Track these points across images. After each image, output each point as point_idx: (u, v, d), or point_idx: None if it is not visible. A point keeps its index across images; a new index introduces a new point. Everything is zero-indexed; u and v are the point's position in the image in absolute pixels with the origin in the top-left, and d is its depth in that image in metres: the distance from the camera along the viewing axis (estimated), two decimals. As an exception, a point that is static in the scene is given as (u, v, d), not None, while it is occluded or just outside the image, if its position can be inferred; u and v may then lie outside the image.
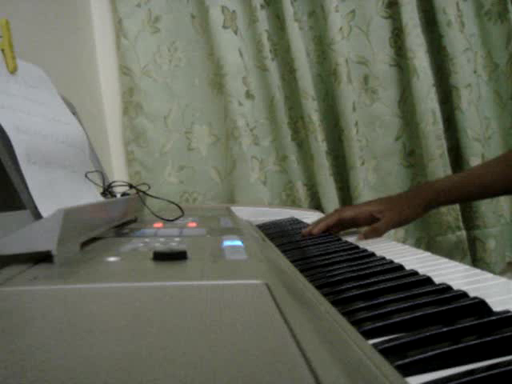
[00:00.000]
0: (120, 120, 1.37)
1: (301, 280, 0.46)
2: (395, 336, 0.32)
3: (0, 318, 0.25)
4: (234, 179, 1.33)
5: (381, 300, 0.40)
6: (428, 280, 0.45)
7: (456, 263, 0.55)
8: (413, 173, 1.41)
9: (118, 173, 1.36)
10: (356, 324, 0.34)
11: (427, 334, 0.31)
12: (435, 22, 1.35)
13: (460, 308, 0.36)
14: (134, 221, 0.76)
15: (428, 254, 0.61)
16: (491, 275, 0.47)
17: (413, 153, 1.40)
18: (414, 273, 0.48)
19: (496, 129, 1.41)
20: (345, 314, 0.35)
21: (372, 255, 0.60)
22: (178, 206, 0.75)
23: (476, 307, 0.36)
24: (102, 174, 0.76)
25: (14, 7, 0.81)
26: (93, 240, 0.51)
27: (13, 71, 0.57)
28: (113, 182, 0.76)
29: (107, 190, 0.74)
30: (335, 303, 0.39)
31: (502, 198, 1.36)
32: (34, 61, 0.65)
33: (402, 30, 1.33)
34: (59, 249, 0.38)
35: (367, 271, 0.51)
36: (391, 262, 0.54)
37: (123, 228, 0.66)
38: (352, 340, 0.27)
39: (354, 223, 0.87)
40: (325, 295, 0.41)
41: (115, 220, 0.63)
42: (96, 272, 0.36)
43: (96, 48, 1.35)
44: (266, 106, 1.35)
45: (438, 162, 1.31)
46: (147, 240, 0.51)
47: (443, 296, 0.39)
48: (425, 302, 0.38)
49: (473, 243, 1.37)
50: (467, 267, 0.52)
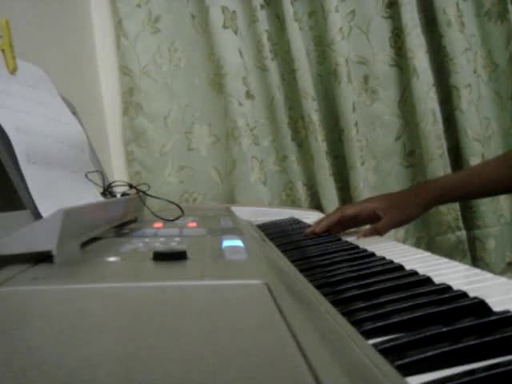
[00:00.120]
0: (120, 120, 1.37)
1: (301, 280, 0.46)
2: (395, 336, 0.32)
3: (0, 318, 0.25)
4: (234, 179, 1.33)
5: (381, 300, 0.40)
6: (428, 280, 0.45)
7: (456, 263, 0.55)
8: (413, 173, 1.41)
9: (118, 173, 1.36)
10: (356, 324, 0.34)
11: (427, 334, 0.31)
12: (435, 22, 1.35)
13: (460, 308, 0.36)
14: (134, 221, 0.76)
15: (428, 254, 0.61)
16: (491, 275, 0.47)
17: (413, 153, 1.40)
18: (414, 273, 0.48)
19: (496, 129, 1.41)
20: (345, 314, 0.36)
21: (372, 255, 0.60)
22: (178, 206, 0.75)
23: (476, 307, 0.36)
24: (102, 174, 0.76)
25: (14, 7, 0.81)
26: (93, 240, 0.51)
27: (13, 71, 0.57)
28: (113, 182, 0.76)
29: (107, 190, 0.74)
30: (335, 303, 0.39)
31: (502, 198, 1.36)
32: (34, 61, 0.65)
33: (402, 30, 1.33)
34: (59, 249, 0.38)
35: (367, 271, 0.51)
36: (391, 262, 0.54)
37: (123, 228, 0.66)
38: (352, 340, 0.27)
39: (356, 220, 0.86)
40: (325, 295, 0.41)
41: (115, 220, 0.63)
42: (96, 272, 0.36)
43: (96, 48, 1.35)
44: (266, 106, 1.35)
45: (438, 162, 1.31)
46: (147, 240, 0.51)
47: (443, 296, 0.39)
48: (425, 302, 0.38)
49: (473, 243, 1.37)
50: (467, 267, 0.52)
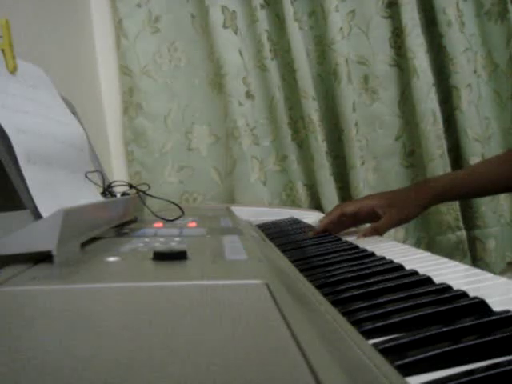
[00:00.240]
0: (120, 120, 1.37)
1: (301, 280, 0.46)
2: (395, 336, 0.32)
3: (0, 318, 0.25)
4: (234, 179, 1.33)
5: (381, 300, 0.40)
6: (428, 280, 0.45)
7: (456, 263, 0.55)
8: (413, 173, 1.41)
9: (118, 173, 1.36)
10: (356, 324, 0.34)
11: (427, 334, 0.31)
12: (435, 22, 1.35)
13: (460, 308, 0.36)
14: (134, 221, 0.76)
15: (428, 254, 0.61)
16: (491, 275, 0.47)
17: (413, 153, 1.40)
18: (414, 273, 0.48)
19: (496, 129, 1.41)
20: (345, 314, 0.35)
21: (372, 255, 0.60)
22: (178, 206, 0.75)
23: (476, 307, 0.36)
24: (102, 174, 0.76)
25: (14, 7, 0.81)
26: (93, 240, 0.51)
27: (13, 71, 0.57)
28: (113, 182, 0.76)
29: (107, 190, 0.74)
30: (335, 303, 0.39)
31: (502, 198, 1.36)
32: (34, 61, 0.65)
33: (402, 30, 1.33)
34: (59, 249, 0.38)
35: (367, 271, 0.51)
36: (391, 262, 0.54)
37: (123, 228, 0.66)
38: (352, 340, 0.27)
39: (356, 217, 0.86)
40: (325, 295, 0.41)
41: (115, 220, 0.63)
42: (96, 272, 0.36)
43: (96, 48, 1.35)
44: (266, 106, 1.35)
45: (438, 162, 1.31)
46: (147, 240, 0.51)
47: (443, 296, 0.39)
48: (425, 302, 0.38)
49: (473, 243, 1.37)
50: (467, 267, 0.52)
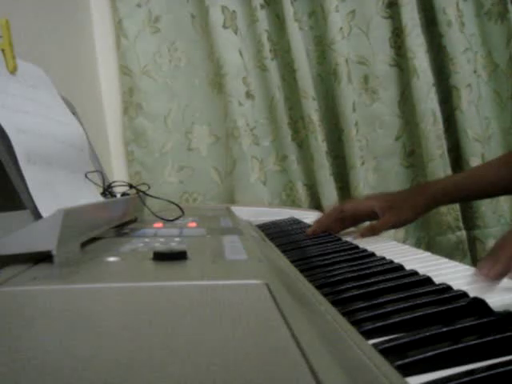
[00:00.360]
0: (120, 120, 1.37)
1: (301, 280, 0.46)
2: (395, 336, 0.32)
3: (0, 318, 0.25)
4: (234, 179, 1.33)
5: (381, 300, 0.40)
6: (428, 280, 0.45)
7: (456, 263, 0.55)
8: (413, 173, 1.41)
9: (118, 173, 1.36)
10: (356, 324, 0.34)
11: (427, 334, 0.31)
12: (435, 22, 1.35)
13: (460, 308, 0.36)
14: (134, 221, 0.76)
15: (428, 254, 0.61)
16: (491, 275, 0.47)
17: (413, 153, 1.40)
18: (414, 273, 0.48)
19: (496, 129, 1.41)
20: (345, 314, 0.35)
21: (372, 255, 0.60)
22: (178, 206, 0.75)
23: (476, 307, 0.36)
24: (102, 174, 0.76)
25: (14, 7, 0.81)
26: (93, 240, 0.51)
27: (13, 71, 0.57)
28: (113, 182, 0.76)
29: (107, 190, 0.74)
30: (335, 303, 0.39)
31: (502, 198, 1.36)
32: (34, 61, 0.65)
33: (402, 30, 1.33)
34: (59, 249, 0.38)
35: (367, 271, 0.51)
36: (391, 262, 0.54)
37: (123, 228, 0.66)
38: (352, 340, 0.27)
39: (355, 217, 0.86)
40: (325, 295, 0.41)
41: (115, 220, 0.63)
42: (96, 272, 0.36)
43: (96, 48, 1.35)
44: (266, 106, 1.35)
45: (438, 162, 1.31)
46: (147, 240, 0.51)
47: (443, 296, 0.39)
48: (425, 302, 0.38)
49: (473, 243, 1.37)
50: (467, 267, 0.52)
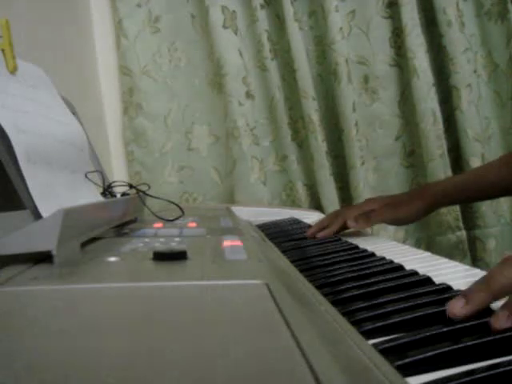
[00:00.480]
0: (120, 120, 1.37)
1: (301, 280, 0.46)
2: (395, 336, 0.32)
3: (0, 318, 0.25)
4: (234, 179, 1.33)
5: (381, 300, 0.40)
6: (428, 280, 0.45)
7: (456, 263, 0.55)
8: (413, 173, 1.41)
9: (118, 173, 1.36)
10: (356, 324, 0.34)
11: (427, 334, 0.31)
12: (435, 22, 1.35)
13: (460, 308, 0.36)
14: (134, 221, 0.76)
15: (428, 254, 0.61)
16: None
17: (413, 153, 1.40)
18: (414, 273, 0.48)
19: (496, 129, 1.41)
20: (345, 314, 0.35)
21: (372, 255, 0.60)
22: (178, 206, 0.75)
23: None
24: (102, 174, 0.76)
25: (14, 7, 0.81)
26: (93, 240, 0.51)
27: (13, 71, 0.57)
28: (113, 182, 0.76)
29: (107, 190, 0.74)
30: (335, 303, 0.39)
31: (502, 199, 1.36)
32: (34, 61, 0.65)
33: (402, 30, 1.33)
34: (59, 249, 0.38)
35: (367, 271, 0.51)
36: (391, 262, 0.54)
37: (123, 228, 0.66)
38: (352, 340, 0.27)
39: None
40: (325, 295, 0.41)
41: (115, 220, 0.63)
42: (96, 272, 0.36)
43: (96, 48, 1.35)
44: (266, 106, 1.35)
45: (438, 162, 1.31)
46: (147, 240, 0.51)
47: (443, 296, 0.39)
48: (425, 302, 0.38)
49: (473, 243, 1.37)
50: (467, 267, 0.52)
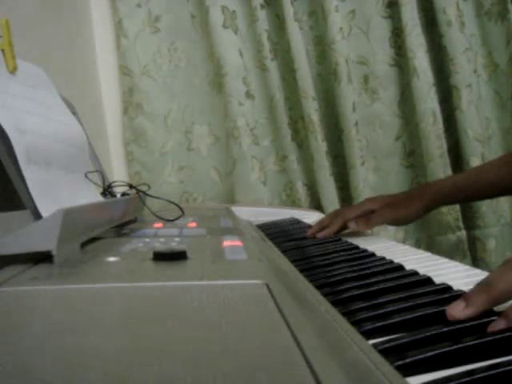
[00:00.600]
0: (120, 120, 1.37)
1: (301, 280, 0.46)
2: (395, 336, 0.32)
3: (0, 318, 0.25)
4: (234, 179, 1.33)
5: (381, 300, 0.40)
6: (428, 280, 0.45)
7: (456, 263, 0.55)
8: (413, 173, 1.41)
9: (118, 173, 1.36)
10: (356, 324, 0.34)
11: (427, 334, 0.31)
12: (435, 22, 1.34)
13: (460, 308, 0.36)
14: (134, 221, 0.76)
15: (428, 254, 0.61)
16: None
17: (413, 153, 1.40)
18: (414, 273, 0.48)
19: (496, 129, 1.40)
20: (345, 314, 0.35)
21: (372, 255, 0.60)
22: (178, 206, 0.75)
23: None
24: (102, 174, 0.76)
25: (14, 7, 0.81)
26: (93, 240, 0.51)
27: (13, 71, 0.57)
28: (113, 182, 0.76)
29: (107, 190, 0.74)
30: (335, 303, 0.39)
31: (502, 198, 1.36)
32: (34, 61, 0.65)
33: (402, 30, 1.33)
34: (59, 249, 0.38)
35: (367, 271, 0.51)
36: (391, 262, 0.54)
37: (123, 228, 0.66)
38: (352, 340, 0.27)
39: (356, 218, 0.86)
40: (325, 295, 0.41)
41: (115, 220, 0.63)
42: (96, 272, 0.36)
43: (96, 48, 1.35)
44: (266, 106, 1.35)
45: (438, 162, 1.31)
46: (147, 240, 0.51)
47: (443, 296, 0.39)
48: (425, 302, 0.38)
49: (473, 243, 1.37)
50: (467, 267, 0.52)
